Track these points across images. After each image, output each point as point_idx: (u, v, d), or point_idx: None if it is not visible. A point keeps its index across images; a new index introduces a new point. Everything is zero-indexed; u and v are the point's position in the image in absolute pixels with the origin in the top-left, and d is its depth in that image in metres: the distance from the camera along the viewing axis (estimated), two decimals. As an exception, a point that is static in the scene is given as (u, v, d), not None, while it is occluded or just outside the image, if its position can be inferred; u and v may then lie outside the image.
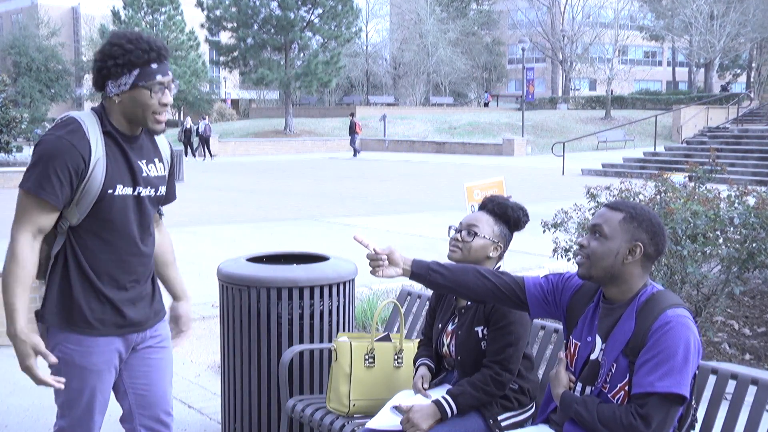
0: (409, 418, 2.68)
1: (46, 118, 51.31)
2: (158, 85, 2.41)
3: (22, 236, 2.36)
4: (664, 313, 2.27)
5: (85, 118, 2.42)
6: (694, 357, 2.24)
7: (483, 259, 2.91)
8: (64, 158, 2.34)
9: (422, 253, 9.57)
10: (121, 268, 2.50)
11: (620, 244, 2.34)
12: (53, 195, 2.35)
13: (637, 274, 2.38)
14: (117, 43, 2.38)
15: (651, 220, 2.36)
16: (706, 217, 5.14)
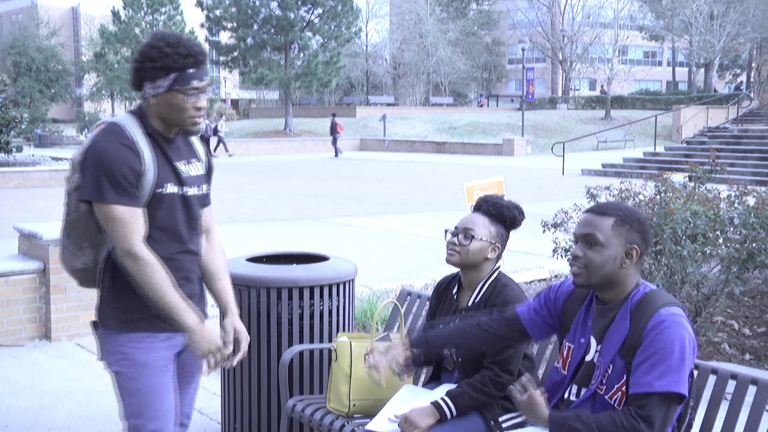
0: (407, 418, 2.68)
1: (46, 118, 51.30)
2: (193, 90, 2.41)
3: (137, 247, 2.36)
4: (658, 312, 2.26)
5: (127, 123, 2.43)
6: (690, 355, 2.24)
7: (481, 261, 2.91)
8: (126, 161, 2.35)
9: (422, 252, 9.57)
10: (171, 266, 2.47)
11: (617, 250, 2.32)
12: (134, 199, 2.37)
13: (632, 275, 2.38)
14: (156, 46, 2.38)
15: (639, 219, 2.36)
16: (706, 217, 5.14)
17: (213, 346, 2.45)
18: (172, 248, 2.51)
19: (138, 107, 2.50)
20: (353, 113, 47.75)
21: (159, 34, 2.43)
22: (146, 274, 2.36)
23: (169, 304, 2.38)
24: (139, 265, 2.36)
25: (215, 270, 2.70)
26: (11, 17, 72.83)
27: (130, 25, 50.16)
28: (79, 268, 2.55)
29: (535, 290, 7.24)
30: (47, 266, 5.54)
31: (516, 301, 2.83)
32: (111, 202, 2.34)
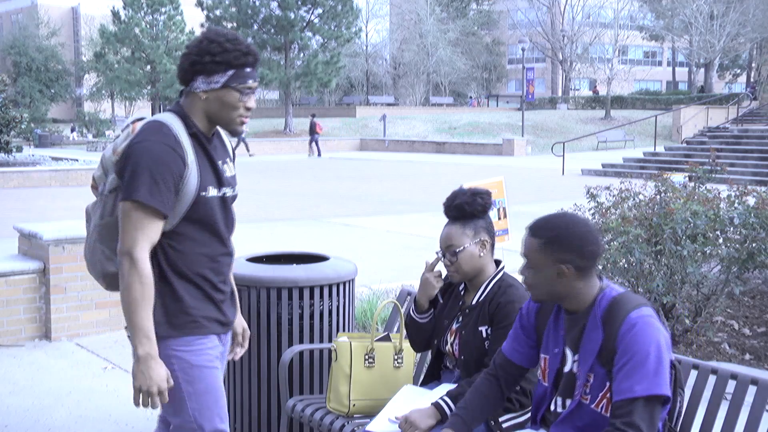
0: (408, 420, 2.68)
1: (46, 118, 51.29)
2: (248, 89, 2.38)
3: (142, 253, 2.28)
4: (628, 317, 2.26)
5: (173, 122, 2.37)
6: (666, 353, 2.24)
7: (478, 262, 2.90)
8: (167, 164, 2.28)
9: (422, 252, 9.57)
10: (212, 269, 2.47)
11: (548, 272, 2.32)
12: (163, 203, 2.29)
13: (580, 288, 2.35)
14: (216, 41, 2.34)
15: (568, 238, 2.29)
16: (706, 217, 5.14)
17: (146, 386, 2.28)
18: (216, 250, 2.49)
19: (177, 106, 2.43)
20: (353, 113, 47.74)
21: (216, 30, 2.39)
22: (132, 282, 2.27)
23: (135, 322, 2.28)
24: (131, 272, 2.27)
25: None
26: (11, 17, 72.82)
27: (130, 25, 50.16)
28: (112, 272, 2.45)
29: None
30: (47, 266, 5.54)
31: (520, 300, 2.82)
32: (142, 201, 2.26)
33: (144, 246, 2.29)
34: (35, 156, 24.77)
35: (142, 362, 2.28)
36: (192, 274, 2.43)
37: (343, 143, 37.91)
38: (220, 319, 2.51)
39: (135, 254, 2.28)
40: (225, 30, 2.40)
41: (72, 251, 5.58)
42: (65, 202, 14.97)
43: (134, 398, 2.33)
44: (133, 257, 2.28)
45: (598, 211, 6.18)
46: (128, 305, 2.28)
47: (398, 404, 2.88)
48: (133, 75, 50.80)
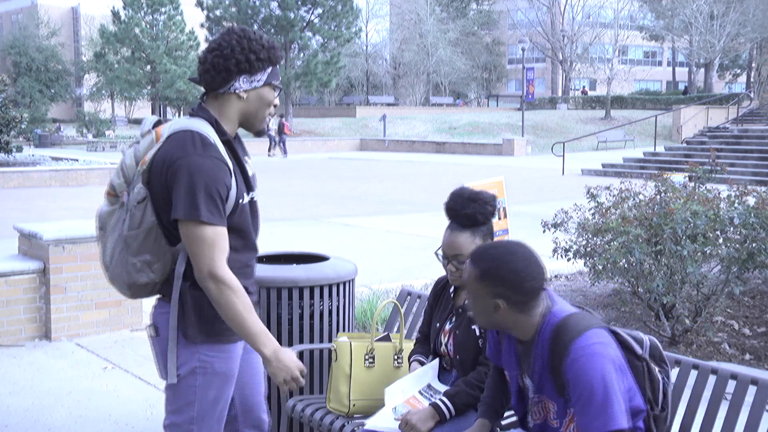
0: (408, 422, 2.68)
1: (46, 118, 51.28)
2: (278, 86, 2.42)
3: (222, 270, 2.27)
4: (571, 348, 2.18)
5: (209, 131, 2.33)
6: (618, 381, 2.15)
7: None
8: (221, 178, 2.27)
9: (422, 252, 9.57)
10: (245, 274, 2.45)
11: (485, 303, 2.27)
12: (222, 219, 2.29)
13: (522, 320, 2.28)
14: (254, 39, 2.34)
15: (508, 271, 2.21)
16: (706, 217, 5.14)
17: (288, 375, 2.36)
18: (248, 256, 2.48)
19: (203, 111, 2.39)
20: (353, 113, 47.76)
21: (243, 28, 2.38)
22: (229, 299, 2.28)
23: (249, 331, 2.31)
24: (222, 290, 2.27)
25: None
26: (11, 17, 72.83)
27: (130, 25, 50.17)
28: (143, 282, 2.39)
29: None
30: (47, 266, 5.54)
31: None
32: (205, 221, 2.24)
33: (221, 262, 2.28)
34: (35, 156, 24.77)
35: (274, 360, 2.34)
36: None
37: (343, 143, 37.91)
38: None
39: (217, 274, 2.27)
40: (250, 29, 2.40)
41: (72, 251, 5.59)
42: (65, 202, 14.97)
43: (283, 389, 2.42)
44: (217, 277, 2.27)
45: (598, 211, 6.18)
46: (234, 321, 2.30)
47: (394, 399, 2.88)
48: (133, 75, 50.81)
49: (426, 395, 2.88)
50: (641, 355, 2.31)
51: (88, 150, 36.64)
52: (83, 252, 5.63)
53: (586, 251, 6.07)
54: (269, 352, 2.34)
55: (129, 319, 5.88)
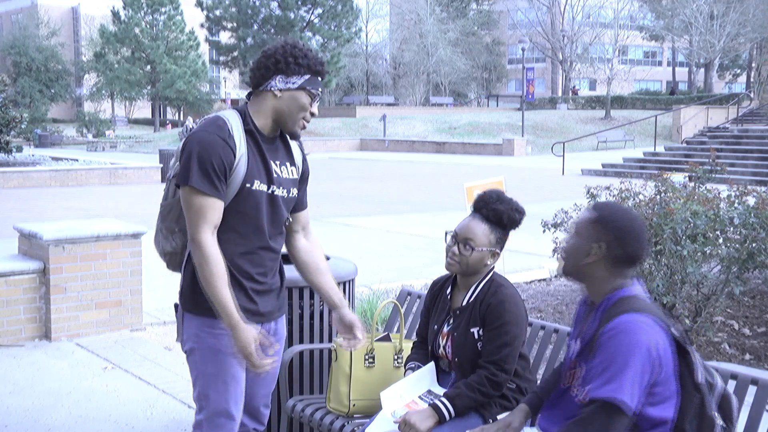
0: (407, 422, 2.68)
1: (46, 118, 51.30)
2: (317, 95, 2.60)
3: (204, 237, 2.47)
4: (618, 318, 2.24)
5: (230, 117, 2.56)
6: (643, 366, 2.17)
7: (481, 267, 2.89)
8: (218, 153, 2.47)
9: (422, 252, 9.57)
10: (251, 260, 2.61)
11: (583, 242, 2.37)
12: (215, 189, 2.48)
13: (600, 276, 2.37)
14: (298, 47, 2.56)
15: (619, 223, 2.33)
16: (706, 217, 5.14)
17: (244, 350, 2.48)
18: (254, 243, 2.61)
19: (242, 106, 2.63)
20: (353, 113, 47.74)
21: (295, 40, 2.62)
22: (202, 264, 2.47)
23: (220, 296, 2.46)
24: (199, 254, 2.47)
25: (317, 266, 2.83)
26: (11, 17, 72.83)
27: (130, 25, 50.19)
28: (168, 251, 2.70)
29: (535, 290, 7.24)
30: (47, 266, 5.54)
31: (511, 300, 2.82)
32: (194, 186, 2.45)
33: (204, 229, 2.47)
34: (35, 156, 24.78)
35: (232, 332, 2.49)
36: (229, 261, 2.55)
37: (343, 143, 37.92)
38: (249, 308, 2.60)
39: (197, 238, 2.47)
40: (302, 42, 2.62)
41: (72, 251, 5.59)
42: (65, 202, 14.97)
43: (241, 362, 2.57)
44: (196, 241, 2.48)
45: (598, 211, 6.17)
46: (205, 284, 2.48)
47: (391, 403, 2.88)
48: (133, 75, 50.83)
49: (426, 400, 2.87)
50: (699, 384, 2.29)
51: (88, 150, 36.66)
52: (83, 252, 5.63)
53: (586, 251, 6.06)
54: (229, 323, 2.47)
55: (129, 319, 5.88)
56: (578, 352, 2.40)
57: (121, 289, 5.81)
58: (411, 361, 3.08)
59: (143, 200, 15.22)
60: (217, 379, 2.59)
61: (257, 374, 2.68)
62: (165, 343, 5.65)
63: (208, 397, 2.61)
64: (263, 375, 2.74)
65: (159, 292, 6.66)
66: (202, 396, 2.63)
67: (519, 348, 2.84)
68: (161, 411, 4.32)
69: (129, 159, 26.73)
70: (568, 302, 6.73)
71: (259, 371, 2.52)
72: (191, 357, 2.63)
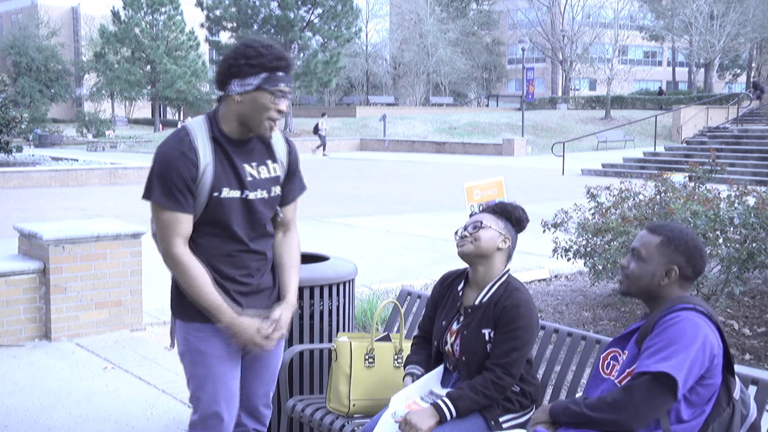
0: (408, 421, 2.67)
1: (46, 118, 51.27)
2: (280, 92, 2.51)
3: (174, 248, 2.51)
4: (679, 312, 2.34)
5: (195, 126, 2.56)
6: (697, 355, 2.26)
7: (494, 251, 2.87)
8: (178, 168, 2.48)
9: (422, 252, 9.57)
10: (231, 263, 2.62)
11: (656, 267, 2.44)
12: (178, 204, 2.49)
13: (674, 293, 2.45)
14: (252, 45, 2.50)
15: (688, 243, 2.43)
16: (706, 217, 5.14)
17: (248, 339, 2.55)
18: (231, 247, 2.62)
19: (213, 111, 2.61)
20: (353, 113, 47.75)
21: (252, 38, 2.56)
22: (181, 274, 2.52)
23: (203, 301, 2.51)
24: (175, 265, 2.52)
25: (282, 263, 2.79)
26: (11, 17, 72.81)
27: (130, 25, 50.17)
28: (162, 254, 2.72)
29: (535, 290, 7.24)
30: (47, 266, 5.54)
31: (526, 305, 2.81)
32: (157, 202, 2.50)
33: (175, 242, 2.51)
34: (35, 156, 24.77)
35: (230, 329, 2.55)
36: (207, 266, 2.57)
37: (343, 143, 37.90)
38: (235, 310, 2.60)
39: (170, 251, 2.52)
40: (263, 38, 2.56)
41: (72, 251, 5.58)
42: (65, 202, 14.97)
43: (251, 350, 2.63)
44: (170, 255, 2.52)
45: (598, 211, 6.18)
46: (190, 293, 2.53)
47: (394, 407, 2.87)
48: (133, 75, 50.80)
49: (427, 400, 2.86)
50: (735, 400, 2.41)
51: (88, 150, 36.64)
52: (83, 252, 5.63)
53: (586, 251, 6.07)
54: (225, 320, 2.53)
55: (129, 319, 5.88)
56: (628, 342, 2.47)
57: (121, 289, 5.81)
58: (411, 363, 3.05)
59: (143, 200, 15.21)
60: (206, 381, 2.63)
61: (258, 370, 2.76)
62: (165, 343, 5.65)
63: (199, 399, 2.66)
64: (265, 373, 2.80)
65: (159, 292, 6.66)
66: (194, 397, 2.69)
67: (527, 354, 2.83)
68: (161, 411, 4.32)
69: (129, 159, 26.74)
70: (568, 302, 6.73)
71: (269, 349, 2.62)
72: (183, 360, 2.69)
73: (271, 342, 2.59)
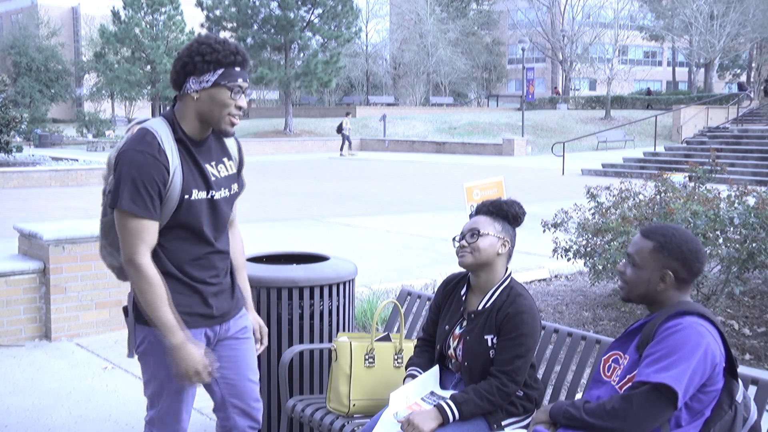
0: (410, 422, 2.67)
1: (46, 118, 51.24)
2: (238, 87, 2.49)
3: (139, 257, 2.44)
4: (681, 318, 2.32)
5: (159, 128, 2.49)
6: (698, 365, 2.24)
7: (494, 258, 2.86)
8: (150, 173, 2.41)
9: (422, 252, 9.57)
10: (200, 264, 2.60)
11: (651, 273, 2.42)
12: (148, 210, 2.43)
13: (672, 296, 2.44)
14: (206, 42, 2.47)
15: (681, 247, 2.40)
16: (706, 217, 5.14)
17: (190, 370, 2.48)
18: (201, 249, 2.60)
19: (169, 111, 2.56)
20: (353, 113, 47.73)
21: (206, 35, 2.52)
22: (141, 286, 2.45)
23: (160, 315, 2.45)
24: (137, 276, 2.45)
25: (236, 264, 2.81)
26: (11, 17, 72.81)
27: (130, 25, 50.15)
28: (116, 266, 2.68)
29: (535, 290, 7.24)
30: (47, 266, 5.54)
31: (529, 311, 2.80)
32: (125, 209, 2.41)
33: (141, 251, 2.44)
34: (35, 156, 24.75)
35: (174, 351, 2.47)
36: (177, 270, 2.56)
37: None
38: (204, 312, 2.62)
39: (135, 260, 2.44)
40: (216, 35, 2.52)
41: (72, 251, 5.58)
42: (65, 202, 14.97)
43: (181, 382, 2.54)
44: (135, 263, 2.44)
45: (598, 211, 6.18)
46: (146, 306, 2.46)
47: (397, 404, 2.87)
48: (133, 75, 50.79)
49: (429, 401, 2.86)
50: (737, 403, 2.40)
51: (88, 150, 36.62)
52: (83, 252, 5.63)
53: (586, 251, 6.07)
54: (173, 343, 2.46)
55: (129, 319, 5.87)
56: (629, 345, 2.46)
57: (121, 289, 5.81)
58: (413, 365, 3.05)
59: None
60: (169, 382, 2.59)
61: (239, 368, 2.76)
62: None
63: (160, 398, 2.65)
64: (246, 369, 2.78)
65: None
66: (155, 395, 2.66)
67: (531, 359, 2.83)
68: (161, 411, 4.32)
69: (129, 159, 26.68)
70: (568, 302, 6.73)
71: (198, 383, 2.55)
72: (144, 359, 2.63)
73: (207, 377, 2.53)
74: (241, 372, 2.77)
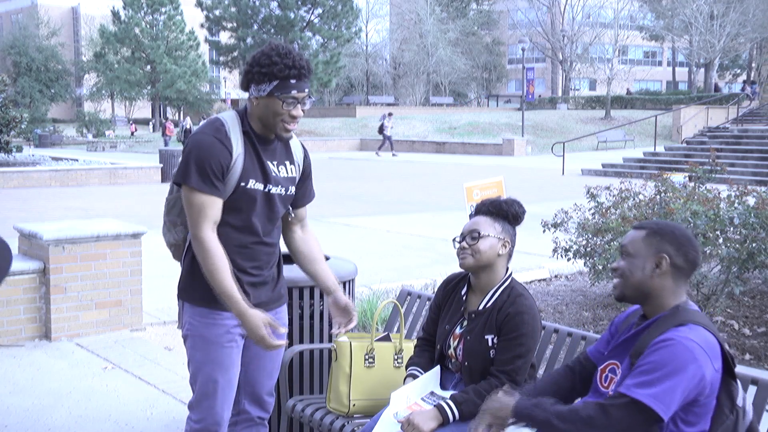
0: (410, 422, 2.67)
1: (46, 118, 51.26)
2: (292, 98, 2.63)
3: (203, 233, 2.59)
4: (676, 329, 2.25)
5: (229, 119, 2.68)
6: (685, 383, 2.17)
7: (494, 259, 2.86)
8: (216, 154, 2.59)
9: (422, 252, 9.57)
10: (244, 254, 2.72)
11: (645, 259, 2.37)
12: (214, 188, 2.59)
13: (668, 288, 2.36)
14: (267, 53, 2.60)
15: (674, 232, 2.37)
16: (706, 217, 5.14)
17: (255, 336, 2.60)
18: (247, 238, 2.73)
19: (243, 107, 2.74)
20: (353, 113, 47.73)
21: (274, 44, 2.64)
22: (205, 259, 2.58)
23: (224, 287, 2.57)
24: (201, 249, 2.59)
25: (312, 254, 2.96)
26: (11, 17, 72.84)
27: (130, 25, 50.19)
28: (171, 242, 2.85)
29: (535, 290, 7.24)
30: (47, 266, 5.54)
31: (530, 311, 2.80)
32: (192, 186, 2.57)
33: (205, 226, 2.59)
34: (35, 156, 24.76)
35: (241, 320, 2.61)
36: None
37: (343, 143, 37.90)
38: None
39: (199, 235, 2.59)
40: (282, 45, 2.64)
41: (72, 251, 5.58)
42: (65, 202, 14.97)
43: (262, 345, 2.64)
44: (199, 238, 2.60)
45: (598, 211, 6.19)
46: (210, 278, 2.59)
47: (397, 404, 2.87)
48: (133, 75, 50.82)
49: (429, 401, 2.86)
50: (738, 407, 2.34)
51: (88, 150, 36.65)
52: (83, 252, 5.63)
53: (586, 251, 6.07)
54: (237, 310, 2.59)
55: (129, 319, 5.88)
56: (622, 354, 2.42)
57: (121, 289, 5.81)
58: (413, 365, 3.05)
59: (143, 200, 15.22)
60: (204, 365, 2.73)
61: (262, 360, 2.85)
62: (165, 343, 5.65)
63: (197, 381, 2.76)
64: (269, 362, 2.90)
65: (159, 292, 6.66)
66: (192, 379, 2.78)
67: (531, 359, 2.83)
68: (161, 411, 4.32)
69: (129, 159, 26.74)
70: (568, 302, 6.73)
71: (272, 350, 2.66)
72: (186, 342, 2.78)
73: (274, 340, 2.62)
74: (262, 365, 2.90)
